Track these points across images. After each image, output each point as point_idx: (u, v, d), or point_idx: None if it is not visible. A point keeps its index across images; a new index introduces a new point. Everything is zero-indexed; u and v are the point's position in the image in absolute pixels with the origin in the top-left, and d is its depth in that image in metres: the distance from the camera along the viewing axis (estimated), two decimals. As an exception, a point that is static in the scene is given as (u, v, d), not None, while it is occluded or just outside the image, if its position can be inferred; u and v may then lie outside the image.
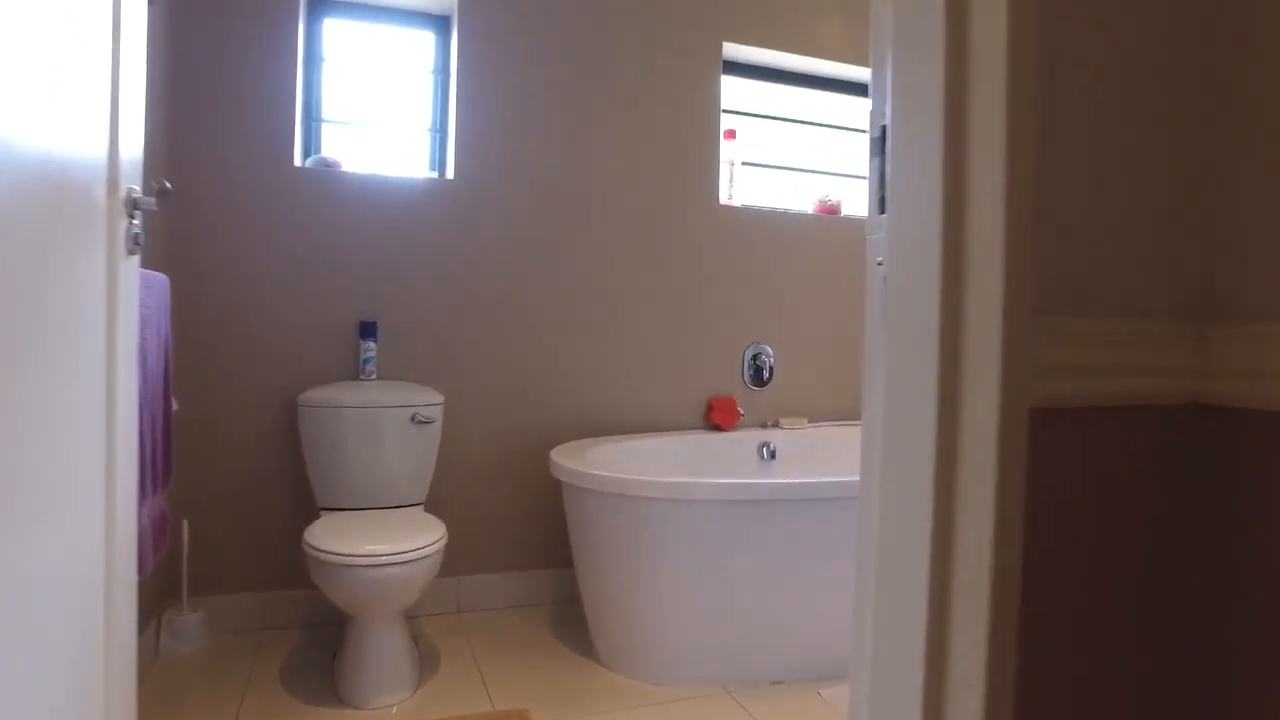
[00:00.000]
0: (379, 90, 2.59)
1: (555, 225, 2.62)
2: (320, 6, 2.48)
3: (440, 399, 2.33)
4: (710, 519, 1.99)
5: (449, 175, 2.54)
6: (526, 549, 2.61)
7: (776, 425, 2.92)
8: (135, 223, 1.16)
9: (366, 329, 2.37)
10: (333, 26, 2.52)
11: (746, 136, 2.99)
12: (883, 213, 0.68)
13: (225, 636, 2.25)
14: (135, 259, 1.20)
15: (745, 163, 2.98)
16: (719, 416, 2.81)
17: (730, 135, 2.90)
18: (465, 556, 2.51)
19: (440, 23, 2.62)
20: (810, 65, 3.04)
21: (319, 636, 2.28)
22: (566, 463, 2.15)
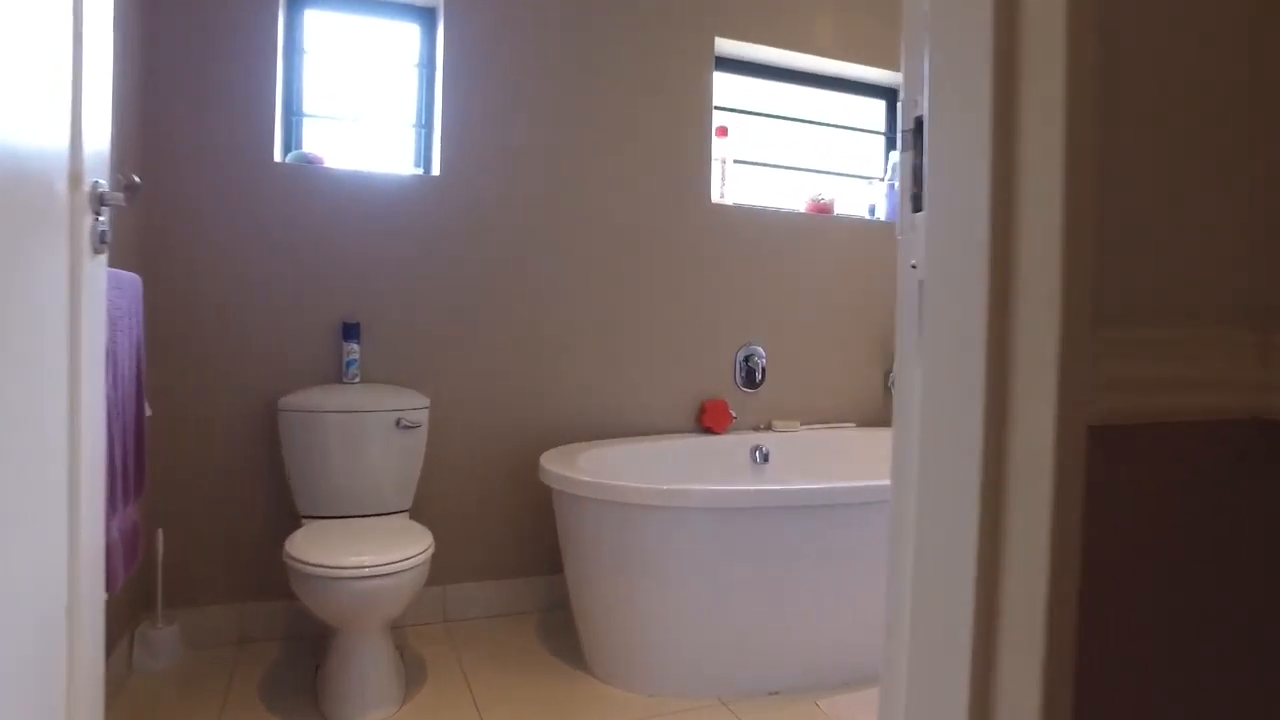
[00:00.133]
0: (362, 84, 2.52)
1: (543, 224, 2.56)
2: (301, -3, 2.41)
3: (426, 403, 2.26)
4: (705, 526, 1.94)
5: (434, 172, 2.47)
6: (514, 556, 2.55)
7: (769, 428, 2.87)
8: (102, 219, 1.09)
9: (349, 330, 2.30)
10: (314, 18, 2.44)
11: (739, 134, 2.95)
12: (916, 211, 0.63)
13: (202, 651, 2.17)
14: (102, 258, 1.13)
15: (737, 161, 2.94)
16: (711, 419, 2.76)
17: (722, 133, 2.85)
18: (452, 564, 2.44)
19: (425, 15, 2.55)
20: (804, 62, 3.00)
21: (300, 649, 2.20)
22: (557, 469, 2.09)
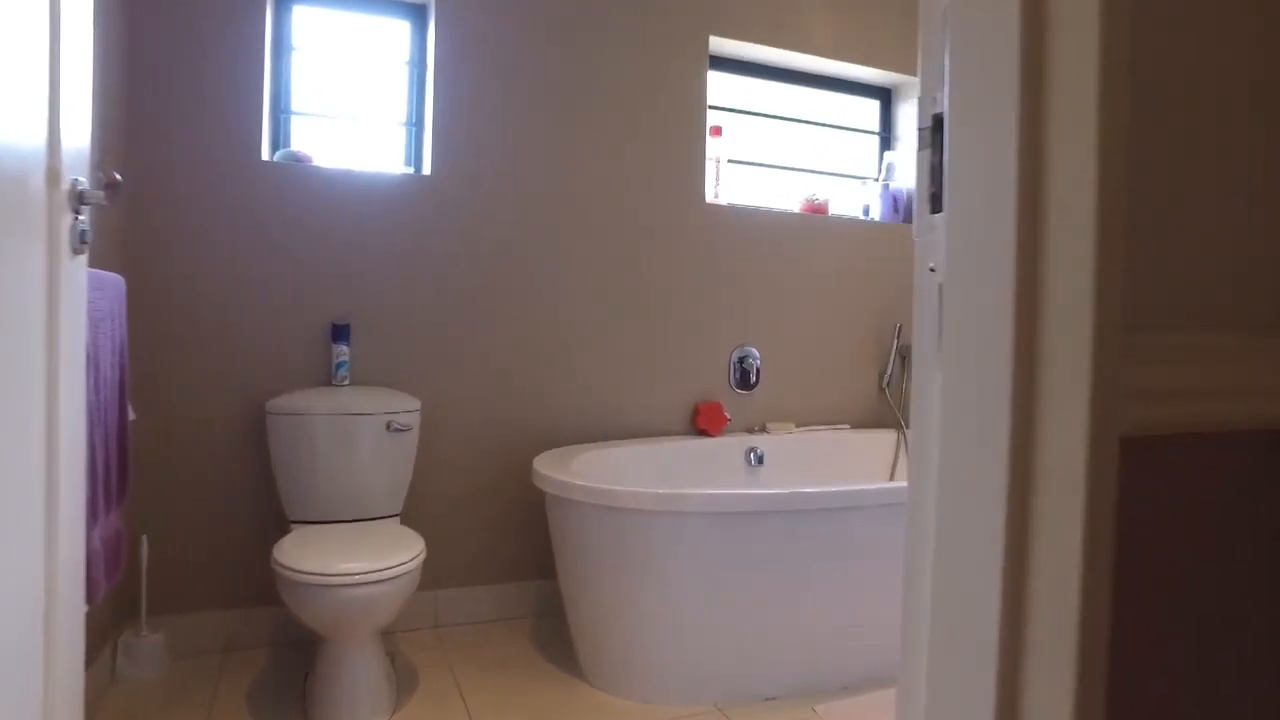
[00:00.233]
0: (352, 82, 2.48)
1: (535, 224, 2.53)
2: (289, -8, 2.36)
3: (417, 405, 2.23)
4: (701, 530, 1.92)
5: (425, 171, 2.43)
6: (507, 560, 2.51)
7: (764, 430, 2.85)
8: (81, 218, 1.06)
9: (339, 332, 2.26)
10: (302, 14, 2.40)
11: (733, 133, 2.93)
12: (934, 212, 0.61)
13: (188, 659, 2.12)
14: (82, 258, 1.09)
15: (732, 161, 2.92)
16: (705, 421, 2.73)
17: (716, 132, 2.83)
18: (443, 569, 2.41)
19: (416, 12, 2.51)
20: (798, 61, 2.98)
21: (288, 657, 2.16)
22: (550, 473, 2.06)
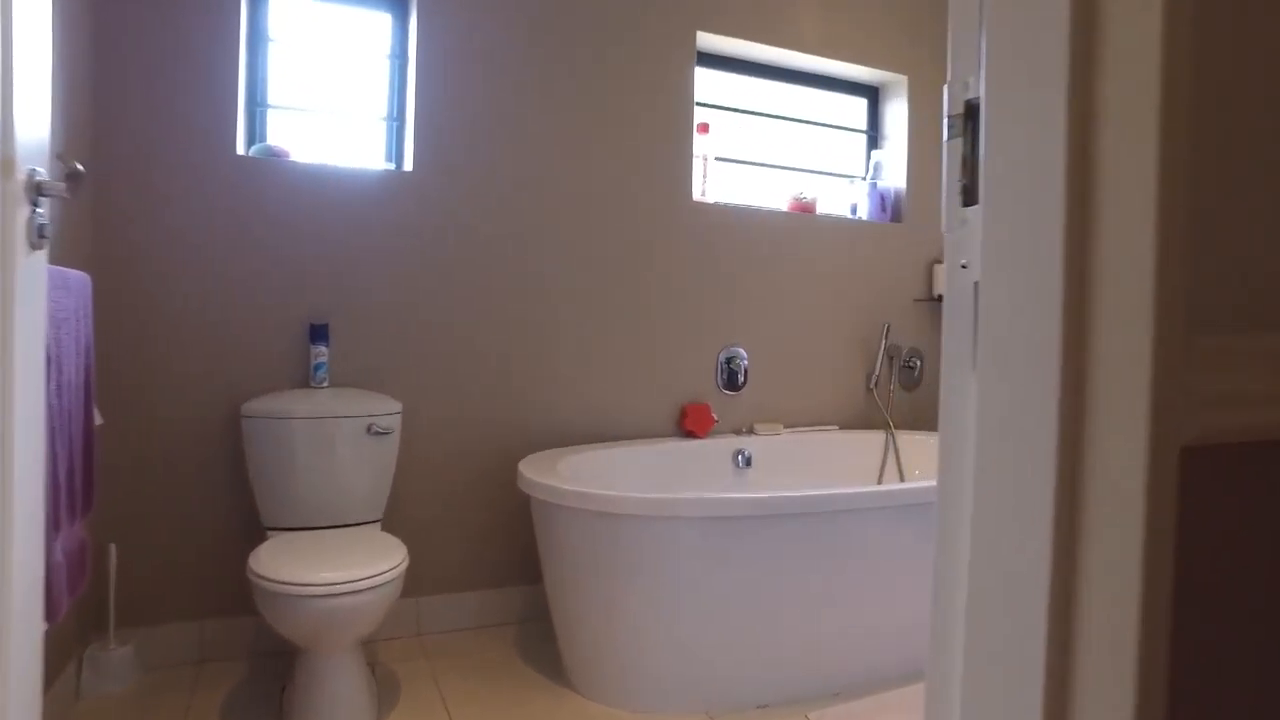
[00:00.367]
0: (331, 75, 2.41)
1: (520, 222, 2.47)
2: (265, -18, 2.29)
3: (398, 408, 2.16)
4: (692, 535, 1.87)
5: (406, 167, 2.37)
6: (491, 566, 2.46)
7: (751, 432, 2.82)
8: (40, 211, 0.99)
9: (317, 332, 2.19)
10: (279, 4, 2.32)
11: (720, 131, 2.89)
12: (966, 205, 0.57)
13: (159, 672, 2.04)
14: (41, 253, 1.03)
15: (719, 158, 2.88)
16: (692, 423, 2.69)
17: (704, 129, 2.79)
18: (426, 575, 2.34)
19: (397, 4, 2.44)
20: (786, 58, 2.95)
21: (265, 668, 2.09)
22: (537, 476, 2.01)
